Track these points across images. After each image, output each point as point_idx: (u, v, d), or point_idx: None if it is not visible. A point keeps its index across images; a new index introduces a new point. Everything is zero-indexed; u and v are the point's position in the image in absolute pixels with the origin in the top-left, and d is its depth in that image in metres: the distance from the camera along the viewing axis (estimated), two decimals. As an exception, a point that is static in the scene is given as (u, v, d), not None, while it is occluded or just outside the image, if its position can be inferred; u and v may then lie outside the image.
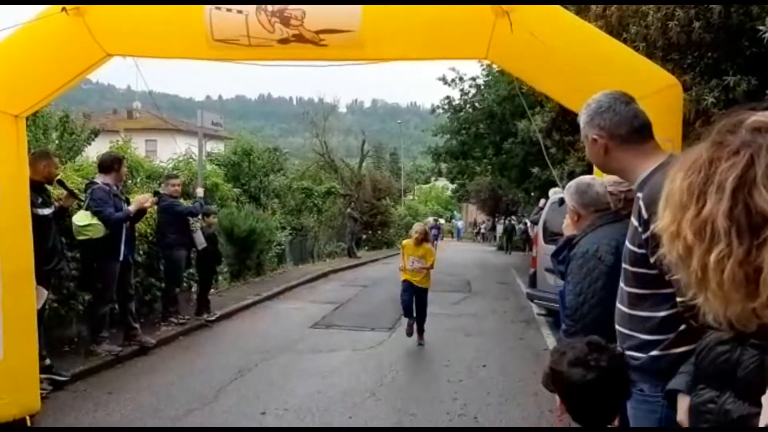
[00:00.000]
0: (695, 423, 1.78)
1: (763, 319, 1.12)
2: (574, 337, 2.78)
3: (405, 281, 8.48)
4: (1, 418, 4.88)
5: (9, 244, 4.90)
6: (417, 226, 8.64)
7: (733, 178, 1.10)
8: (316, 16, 4.54)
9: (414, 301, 8.47)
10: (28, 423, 5.05)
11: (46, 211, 5.89)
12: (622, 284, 2.43)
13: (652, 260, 2.25)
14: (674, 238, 1.19)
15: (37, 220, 5.44)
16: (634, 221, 2.34)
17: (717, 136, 1.18)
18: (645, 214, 2.24)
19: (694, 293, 1.20)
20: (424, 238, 8.40)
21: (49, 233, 5.90)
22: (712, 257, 1.11)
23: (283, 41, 4.64)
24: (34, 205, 5.54)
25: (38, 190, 5.83)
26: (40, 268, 5.31)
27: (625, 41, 6.25)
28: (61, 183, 6.42)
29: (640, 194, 2.33)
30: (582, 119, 2.57)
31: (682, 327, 2.22)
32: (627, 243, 2.39)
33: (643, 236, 2.26)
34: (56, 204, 6.31)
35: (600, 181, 3.42)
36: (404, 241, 8.75)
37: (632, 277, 2.36)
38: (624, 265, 2.41)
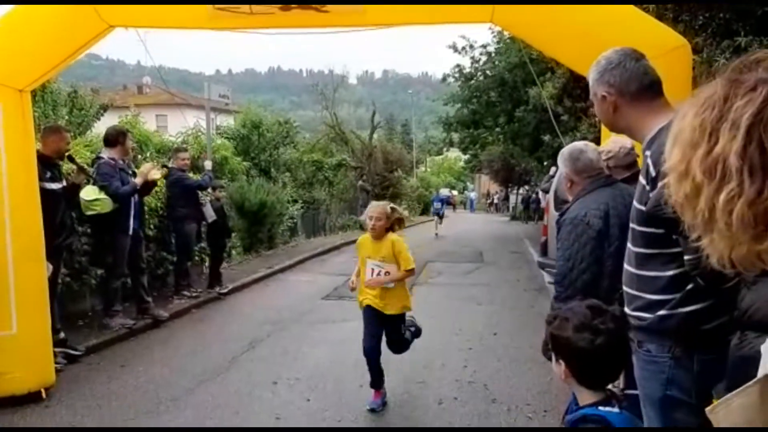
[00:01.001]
0: (748, 370, 1.75)
1: (767, 263, 1.08)
2: (565, 303, 2.76)
3: (366, 309, 5.03)
4: (16, 391, 4.97)
5: (18, 219, 4.94)
6: (372, 208, 5.04)
7: (748, 116, 1.05)
8: (317, -19, 4.48)
9: (384, 339, 5.09)
10: (44, 395, 5.12)
11: (55, 186, 5.91)
12: (629, 244, 2.39)
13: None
14: (682, 177, 1.15)
15: (45, 194, 5.47)
16: (641, 179, 2.30)
17: (732, 73, 1.13)
18: (653, 172, 2.20)
19: (698, 235, 1.17)
20: (387, 225, 4.99)
21: (58, 208, 5.93)
22: (722, 197, 1.07)
23: (285, 8, 4.59)
24: (42, 179, 5.55)
25: (48, 164, 5.85)
26: (48, 243, 5.35)
27: (635, 3, 6.12)
28: (71, 159, 6.41)
29: (648, 152, 2.29)
30: (591, 77, 2.52)
31: (690, 286, 2.19)
32: (634, 202, 2.35)
33: (651, 194, 2.22)
34: (67, 180, 6.30)
35: (593, 147, 3.40)
36: (360, 237, 5.26)
37: (639, 236, 2.32)
38: (631, 225, 2.37)
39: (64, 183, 6.16)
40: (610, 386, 2.49)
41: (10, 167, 4.88)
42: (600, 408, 1.85)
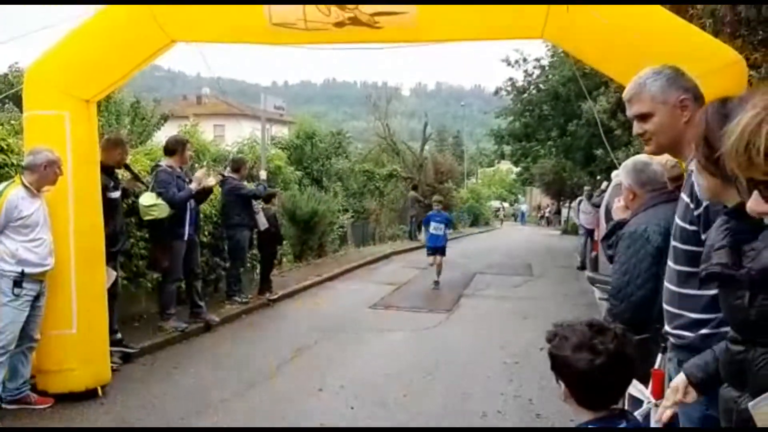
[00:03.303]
0: (725, 421, 1.81)
1: None
2: (619, 318, 2.75)
3: None
4: (74, 387, 5.19)
5: (81, 222, 5.19)
6: None
7: None
8: (371, -1, 4.59)
9: None
10: (100, 393, 5.34)
11: (116, 195, 6.19)
12: (670, 263, 2.38)
13: (703, 237, 2.20)
14: None
15: (108, 203, 5.73)
16: (685, 197, 2.28)
17: None
18: (698, 190, 2.19)
19: None
20: None
21: (118, 215, 6.21)
22: None
23: (339, 24, 4.71)
24: (107, 188, 5.83)
25: (110, 174, 6.13)
26: (108, 249, 5.60)
27: (691, 18, 6.03)
28: (127, 167, 6.72)
29: (693, 169, 2.27)
30: (656, 85, 2.41)
31: None
32: (677, 219, 2.33)
33: (695, 212, 2.21)
34: (120, 185, 6.58)
35: (657, 160, 3.34)
36: None
37: (682, 254, 2.31)
38: (673, 243, 2.36)
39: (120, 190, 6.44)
40: (651, 403, 2.49)
41: (76, 173, 5.13)
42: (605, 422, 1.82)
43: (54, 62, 5.21)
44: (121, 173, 6.71)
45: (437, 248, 11.96)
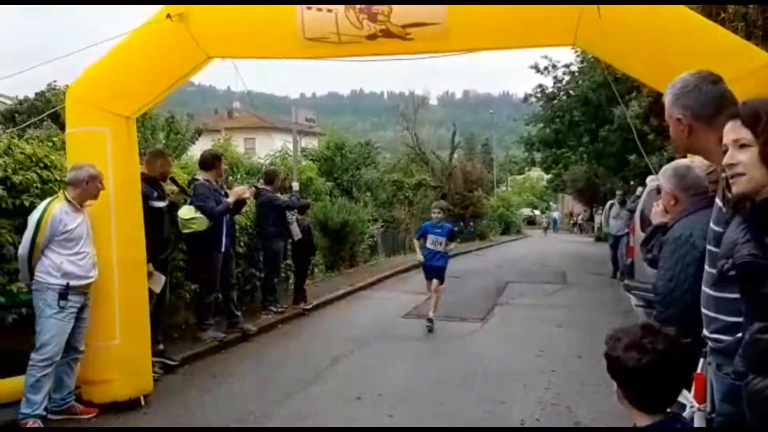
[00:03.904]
0: (754, 412, 1.80)
1: None
2: (667, 323, 2.74)
3: None
4: (117, 397, 5.32)
5: (123, 235, 5.34)
6: None
7: None
8: (402, 10, 4.65)
9: None
10: (142, 402, 5.46)
11: (161, 204, 6.37)
12: (707, 266, 2.38)
13: None
14: None
15: (153, 212, 5.91)
16: (718, 202, 2.30)
17: None
18: (731, 194, 2.20)
19: None
20: None
21: (164, 224, 6.40)
22: None
23: (371, 37, 4.78)
24: (150, 198, 6.03)
25: (154, 184, 6.29)
26: (156, 257, 5.73)
27: (723, 21, 6.00)
28: (173, 180, 6.92)
29: (725, 174, 2.28)
30: (667, 99, 2.57)
31: None
32: (711, 224, 2.34)
33: (729, 217, 2.22)
34: (168, 199, 6.75)
35: (699, 164, 3.30)
36: None
37: (717, 258, 2.31)
38: (709, 247, 2.36)
39: (167, 202, 6.60)
40: (694, 408, 2.48)
41: (117, 186, 5.28)
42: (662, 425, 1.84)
43: (95, 80, 5.39)
44: (166, 186, 6.88)
45: (434, 269, 9.02)
